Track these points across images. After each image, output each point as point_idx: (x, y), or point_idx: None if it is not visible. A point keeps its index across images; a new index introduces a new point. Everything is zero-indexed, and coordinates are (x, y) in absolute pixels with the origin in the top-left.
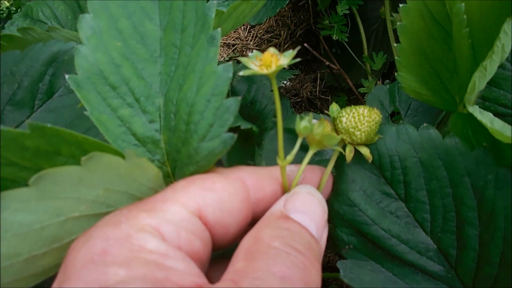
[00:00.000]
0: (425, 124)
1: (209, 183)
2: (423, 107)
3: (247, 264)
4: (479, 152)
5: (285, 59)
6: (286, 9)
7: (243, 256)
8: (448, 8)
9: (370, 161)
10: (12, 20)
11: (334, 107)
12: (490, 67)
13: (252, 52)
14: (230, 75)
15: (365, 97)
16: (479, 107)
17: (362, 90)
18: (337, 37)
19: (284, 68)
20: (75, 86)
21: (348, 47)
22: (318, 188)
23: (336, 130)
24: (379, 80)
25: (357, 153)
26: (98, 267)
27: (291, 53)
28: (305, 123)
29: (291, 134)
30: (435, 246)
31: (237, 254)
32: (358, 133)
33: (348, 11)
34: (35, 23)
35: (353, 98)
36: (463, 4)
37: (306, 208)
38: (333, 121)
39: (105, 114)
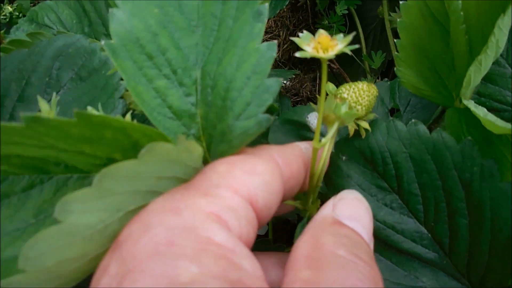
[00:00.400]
0: (413, 120)
1: (250, 166)
2: (421, 104)
3: (316, 274)
4: (465, 145)
5: (342, 43)
6: (285, 9)
7: (307, 264)
8: (447, 5)
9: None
10: (18, 25)
11: (330, 86)
12: (485, 62)
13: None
14: (274, 54)
15: None
16: (475, 102)
17: None
18: None
19: (284, 68)
20: (111, 53)
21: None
22: (321, 164)
23: None
24: (378, 78)
25: (352, 151)
26: (166, 260)
27: (347, 37)
28: (345, 108)
29: (292, 125)
30: (429, 235)
31: (296, 260)
32: (359, 107)
33: (346, 11)
34: (41, 28)
35: None
36: (460, 2)
37: (357, 215)
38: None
39: (141, 84)
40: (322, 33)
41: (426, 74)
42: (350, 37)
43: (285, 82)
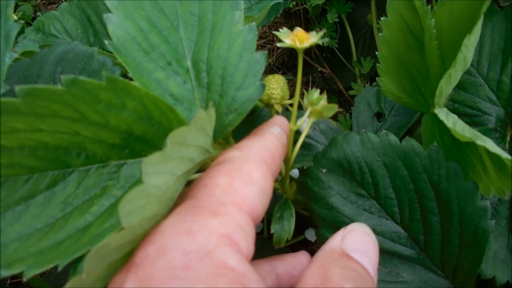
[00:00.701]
0: (384, 131)
1: (247, 176)
2: (404, 108)
3: None
4: (431, 151)
5: (315, 38)
6: (279, 16)
7: None
8: (422, 23)
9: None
10: (25, 34)
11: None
12: (454, 74)
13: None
14: (256, 33)
15: (354, 99)
16: (450, 108)
17: (351, 92)
18: (327, 43)
19: (277, 72)
20: (115, 51)
21: (338, 52)
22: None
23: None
24: (367, 82)
25: (331, 163)
26: (183, 284)
27: (320, 33)
28: (317, 94)
29: None
30: (406, 234)
31: None
32: (276, 91)
33: (337, 19)
34: (47, 37)
35: (343, 100)
36: (433, 20)
37: (365, 249)
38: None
39: (144, 77)
40: (299, 29)
41: (405, 83)
42: (321, 33)
43: None
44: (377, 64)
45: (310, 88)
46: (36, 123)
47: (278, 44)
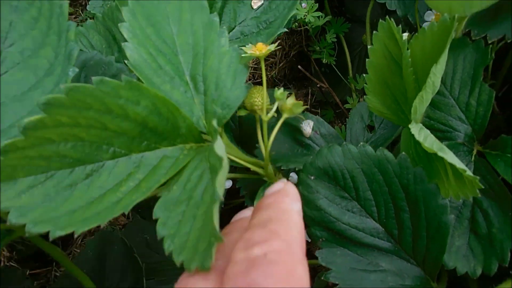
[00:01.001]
0: (361, 143)
1: (299, 280)
2: (391, 123)
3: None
4: (401, 159)
5: (271, 46)
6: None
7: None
8: (401, 51)
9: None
10: None
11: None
12: (425, 96)
13: (250, 65)
14: (239, 51)
15: (349, 112)
16: (426, 124)
17: (347, 106)
18: (326, 61)
19: (279, 84)
20: (134, 68)
21: (335, 68)
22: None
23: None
24: (361, 97)
25: (318, 171)
26: None
27: (274, 45)
28: (281, 91)
29: (289, 127)
30: (383, 229)
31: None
32: (257, 100)
33: (335, 39)
34: None
35: (339, 112)
36: (408, 51)
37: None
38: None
39: (155, 88)
40: (259, 43)
41: (388, 102)
42: (276, 44)
43: None
44: (365, 85)
45: (309, 100)
46: (75, 116)
47: (243, 55)
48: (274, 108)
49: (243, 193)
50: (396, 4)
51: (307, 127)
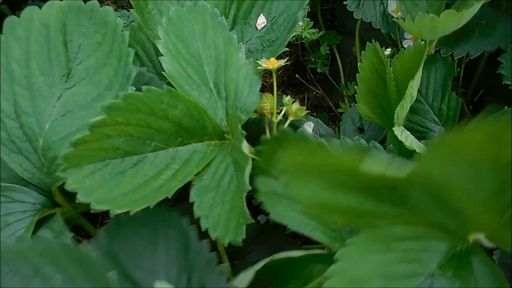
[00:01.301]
0: (356, 137)
1: None
2: (379, 126)
3: None
4: (388, 150)
5: (282, 61)
6: None
7: None
8: (385, 67)
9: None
10: None
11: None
12: (405, 104)
13: None
14: (254, 64)
15: (342, 115)
16: (407, 126)
17: (339, 110)
18: (320, 70)
19: (277, 90)
20: (169, 78)
21: (329, 76)
22: None
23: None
24: (353, 102)
25: None
26: None
27: (284, 60)
28: (288, 98)
29: (293, 128)
30: None
31: None
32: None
33: (328, 51)
34: None
35: (333, 115)
36: (391, 68)
37: None
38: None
39: (186, 93)
40: (271, 58)
41: (375, 108)
42: (284, 61)
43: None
44: (356, 95)
45: (306, 105)
46: (128, 117)
47: (259, 68)
48: (282, 113)
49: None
50: (380, 23)
51: (308, 128)
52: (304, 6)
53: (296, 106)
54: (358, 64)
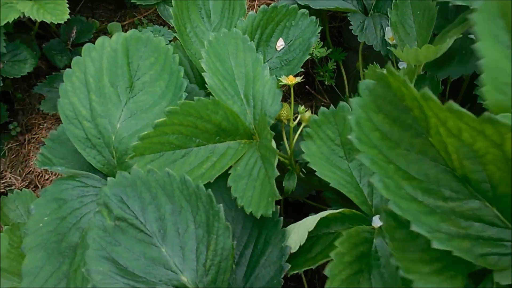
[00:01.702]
0: None
1: None
2: None
3: None
4: None
5: (298, 78)
6: None
7: None
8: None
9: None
10: None
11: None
12: None
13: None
14: (276, 80)
15: None
16: None
17: None
18: (328, 82)
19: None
20: (211, 90)
21: (335, 87)
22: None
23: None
24: None
25: None
26: None
27: (300, 77)
28: (303, 107)
29: None
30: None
31: None
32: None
33: (335, 67)
34: None
35: None
36: None
37: None
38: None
39: (223, 102)
40: (290, 75)
41: None
42: (300, 78)
43: None
44: None
45: (314, 112)
46: (181, 119)
47: (281, 83)
48: (298, 119)
49: None
50: (380, 47)
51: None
52: (316, 33)
53: (308, 114)
54: (361, 78)
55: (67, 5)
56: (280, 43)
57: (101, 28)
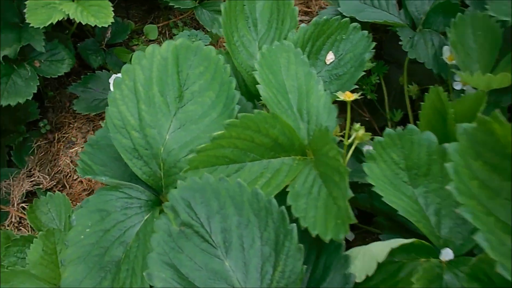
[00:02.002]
0: None
1: None
2: None
3: None
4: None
5: (356, 95)
6: None
7: None
8: (445, 107)
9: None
10: None
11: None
12: None
13: None
14: (331, 96)
15: None
16: None
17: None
18: (369, 97)
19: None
20: (265, 103)
21: (375, 101)
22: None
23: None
24: (396, 126)
25: None
26: None
27: (357, 94)
28: (358, 125)
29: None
30: None
31: None
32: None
33: (378, 81)
34: None
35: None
36: (452, 110)
37: None
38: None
39: (279, 115)
40: (347, 91)
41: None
42: (358, 95)
43: None
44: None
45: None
46: (239, 132)
47: (337, 98)
48: (353, 137)
49: None
50: (432, 64)
51: (369, 148)
52: (369, 49)
53: (362, 131)
54: (421, 104)
55: (112, 8)
56: (330, 57)
57: (135, 29)
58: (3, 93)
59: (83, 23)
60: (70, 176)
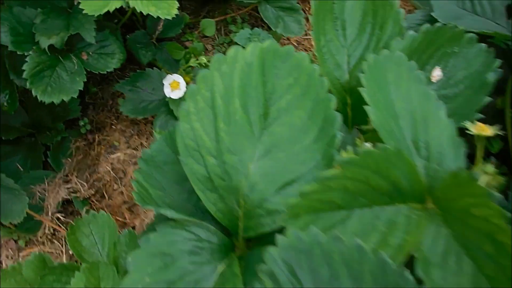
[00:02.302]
0: None
1: None
2: None
3: None
4: None
5: (494, 129)
6: None
7: None
8: None
9: None
10: None
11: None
12: None
13: None
14: (455, 127)
15: None
16: None
17: None
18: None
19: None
20: (379, 132)
21: None
22: None
23: None
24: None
25: None
26: None
27: (496, 128)
28: (492, 168)
29: None
30: None
31: None
32: None
33: None
34: None
35: None
36: None
37: None
38: None
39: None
40: (481, 124)
41: None
42: (497, 129)
43: None
44: None
45: None
46: (356, 173)
47: (470, 132)
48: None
49: None
50: None
51: None
52: (493, 68)
53: (498, 176)
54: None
55: None
56: (437, 73)
57: (187, 22)
58: (46, 88)
59: (144, 13)
60: (110, 185)
